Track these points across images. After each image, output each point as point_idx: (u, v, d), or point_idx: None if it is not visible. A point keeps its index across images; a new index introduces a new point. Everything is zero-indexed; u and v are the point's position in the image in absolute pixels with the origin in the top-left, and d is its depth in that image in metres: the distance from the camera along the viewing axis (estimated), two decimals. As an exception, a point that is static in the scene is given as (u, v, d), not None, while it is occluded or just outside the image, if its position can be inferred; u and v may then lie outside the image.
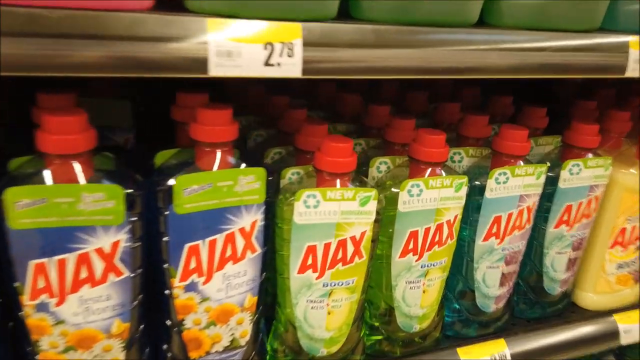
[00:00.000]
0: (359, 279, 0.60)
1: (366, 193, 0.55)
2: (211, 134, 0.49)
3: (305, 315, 0.60)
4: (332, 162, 0.55)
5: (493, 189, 0.65)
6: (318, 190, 0.54)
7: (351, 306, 0.61)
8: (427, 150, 0.60)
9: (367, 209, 0.56)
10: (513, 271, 0.73)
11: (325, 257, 0.57)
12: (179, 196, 0.48)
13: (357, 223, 0.56)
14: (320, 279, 0.58)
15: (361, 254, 0.58)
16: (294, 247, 0.56)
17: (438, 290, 0.68)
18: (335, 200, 0.54)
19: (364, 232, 0.57)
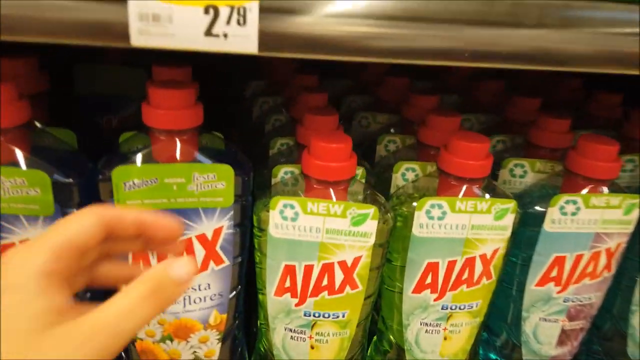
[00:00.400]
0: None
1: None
2: (160, 118, 0.40)
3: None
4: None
5: (556, 221, 0.48)
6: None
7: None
8: (458, 162, 0.45)
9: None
10: (580, 328, 0.55)
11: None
12: (120, 190, 0.40)
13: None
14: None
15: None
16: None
17: (466, 339, 0.53)
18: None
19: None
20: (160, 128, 0.40)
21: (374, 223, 0.43)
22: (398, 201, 0.50)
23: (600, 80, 0.69)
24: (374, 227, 0.43)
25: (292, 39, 0.34)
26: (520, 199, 0.52)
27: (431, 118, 0.52)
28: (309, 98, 0.56)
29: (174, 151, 0.41)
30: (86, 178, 0.42)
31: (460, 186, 0.46)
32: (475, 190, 0.46)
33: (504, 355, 0.58)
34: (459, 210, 0.45)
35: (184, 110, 0.40)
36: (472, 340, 0.53)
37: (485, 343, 0.60)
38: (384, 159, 0.58)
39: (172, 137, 0.41)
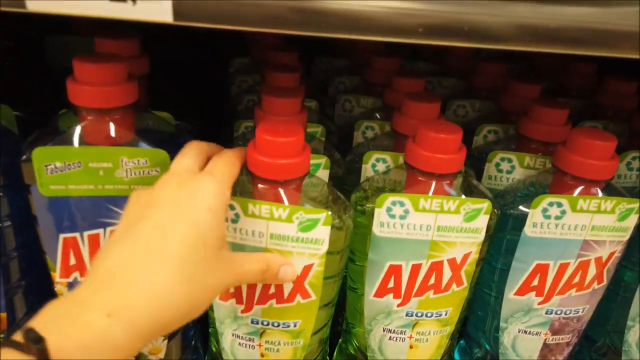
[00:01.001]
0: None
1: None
2: (84, 95, 0.36)
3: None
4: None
5: (538, 225, 0.42)
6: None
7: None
8: (425, 155, 0.39)
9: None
10: (566, 343, 0.49)
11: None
12: (42, 174, 0.37)
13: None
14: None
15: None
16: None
17: (435, 349, 0.48)
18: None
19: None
20: (85, 106, 0.36)
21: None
22: (364, 194, 0.45)
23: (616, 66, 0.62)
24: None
25: (211, 7, 0.29)
26: (502, 198, 0.46)
27: (407, 103, 0.47)
28: (280, 77, 0.52)
29: (103, 132, 0.37)
30: (14, 158, 0.38)
31: (428, 182, 0.41)
32: (446, 187, 0.41)
33: (482, 366, 0.53)
34: (422, 209, 0.40)
35: (112, 87, 0.36)
36: (442, 350, 0.48)
37: (462, 351, 0.55)
38: (360, 146, 0.53)
39: (101, 117, 0.37)
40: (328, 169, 0.46)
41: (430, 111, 0.46)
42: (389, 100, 0.55)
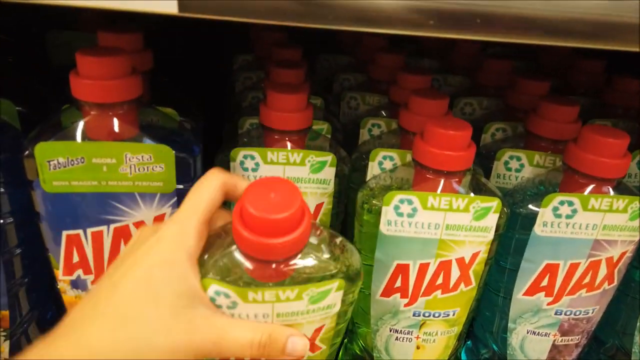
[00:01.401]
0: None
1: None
2: (86, 90, 0.35)
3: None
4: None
5: (548, 224, 0.42)
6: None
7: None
8: (433, 152, 0.39)
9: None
10: (575, 344, 0.49)
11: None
12: (44, 170, 0.36)
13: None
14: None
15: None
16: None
17: (442, 349, 0.47)
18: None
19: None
20: (88, 101, 0.36)
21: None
22: (370, 193, 0.44)
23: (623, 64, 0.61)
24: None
25: None
26: (512, 197, 0.46)
27: (413, 100, 0.46)
28: (285, 73, 0.51)
29: (106, 128, 0.37)
30: (15, 154, 0.38)
31: (437, 180, 0.40)
32: (455, 185, 0.41)
33: (489, 367, 0.52)
34: (431, 207, 0.39)
35: (115, 81, 0.35)
36: (450, 351, 0.48)
37: (470, 352, 0.54)
38: (366, 144, 0.53)
39: (104, 112, 0.37)
40: (334, 166, 0.45)
41: (438, 108, 0.45)
42: (394, 97, 0.54)
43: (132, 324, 0.26)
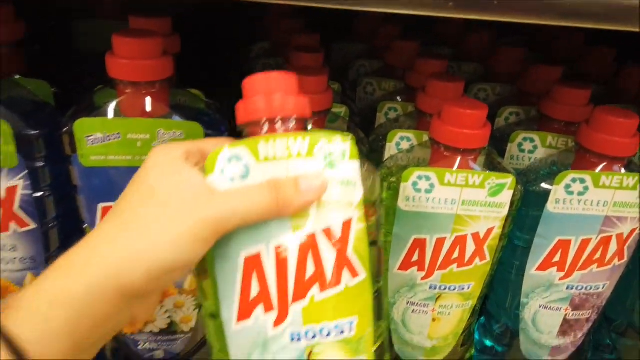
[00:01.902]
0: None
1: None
2: (122, 69, 0.37)
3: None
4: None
5: (560, 201, 0.43)
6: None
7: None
8: (450, 130, 0.41)
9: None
10: (586, 319, 0.50)
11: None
12: (82, 144, 0.38)
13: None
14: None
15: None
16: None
17: (457, 322, 0.49)
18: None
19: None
20: (123, 80, 0.38)
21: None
22: (388, 171, 0.46)
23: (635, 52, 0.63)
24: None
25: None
26: (525, 176, 0.47)
27: (431, 83, 0.48)
28: (305, 57, 0.53)
29: (140, 105, 0.39)
30: (53, 130, 0.40)
31: (453, 158, 0.42)
32: (470, 163, 0.42)
33: (502, 343, 0.54)
34: (448, 183, 0.41)
35: (149, 61, 0.37)
36: (464, 324, 0.50)
37: (482, 328, 0.56)
38: (382, 127, 0.54)
39: (138, 90, 0.39)
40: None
41: (454, 90, 0.47)
42: (411, 82, 0.56)
43: (127, 216, 0.27)
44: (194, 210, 0.26)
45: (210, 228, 0.26)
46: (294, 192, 0.28)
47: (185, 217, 0.26)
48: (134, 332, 0.49)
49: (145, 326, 0.48)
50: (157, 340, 0.49)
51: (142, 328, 0.48)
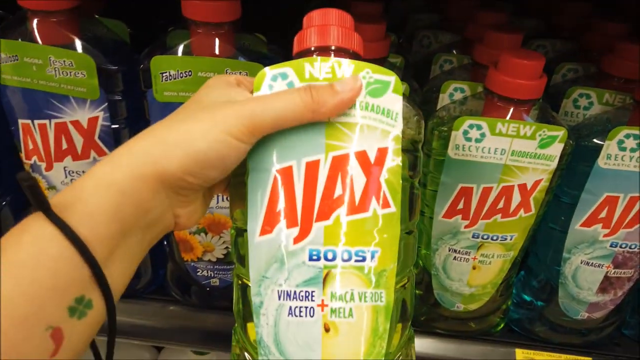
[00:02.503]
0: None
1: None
2: (195, 9, 0.40)
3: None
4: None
5: (612, 157, 0.44)
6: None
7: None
8: (505, 80, 0.41)
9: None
10: (627, 278, 0.51)
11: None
12: (157, 81, 0.42)
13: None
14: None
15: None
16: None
17: (497, 272, 0.51)
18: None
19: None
20: (195, 20, 0.40)
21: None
22: (439, 121, 0.48)
23: None
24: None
25: None
26: (577, 131, 0.47)
27: (489, 35, 0.48)
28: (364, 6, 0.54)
29: (210, 45, 0.42)
30: (130, 67, 0.44)
31: (506, 108, 0.43)
32: (523, 115, 0.43)
33: (540, 297, 0.56)
34: (499, 132, 0.42)
35: (219, 2, 0.40)
36: (504, 274, 0.51)
37: (521, 283, 0.58)
38: (437, 79, 0.55)
39: (208, 31, 0.41)
40: (407, 95, 0.48)
41: (512, 42, 0.47)
42: (469, 34, 0.56)
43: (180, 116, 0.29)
44: (230, 108, 0.28)
45: (243, 122, 0.27)
46: (329, 92, 0.28)
47: (221, 113, 0.28)
48: (194, 260, 0.53)
49: (204, 254, 0.53)
50: (214, 268, 0.54)
51: (201, 256, 0.53)
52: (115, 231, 0.26)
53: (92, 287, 0.25)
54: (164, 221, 0.29)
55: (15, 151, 0.49)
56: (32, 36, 0.41)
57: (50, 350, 0.23)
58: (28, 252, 0.23)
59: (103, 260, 0.25)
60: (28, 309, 0.22)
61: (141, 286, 0.57)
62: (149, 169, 0.26)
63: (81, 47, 0.42)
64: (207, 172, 0.28)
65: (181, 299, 0.57)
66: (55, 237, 0.23)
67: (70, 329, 0.24)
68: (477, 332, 0.56)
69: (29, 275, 0.23)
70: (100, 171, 0.26)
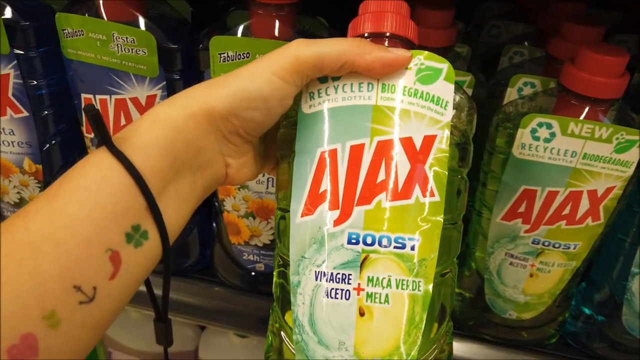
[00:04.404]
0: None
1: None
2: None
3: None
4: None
5: (700, 167, 0.39)
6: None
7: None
8: (583, 77, 0.38)
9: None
10: None
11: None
12: (215, 61, 0.41)
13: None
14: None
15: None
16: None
17: (556, 282, 0.48)
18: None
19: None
20: (256, 0, 0.40)
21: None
22: (505, 116, 0.45)
23: None
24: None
25: None
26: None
27: (567, 26, 0.44)
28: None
29: (269, 27, 0.41)
30: (189, 47, 0.44)
31: (581, 107, 0.39)
32: (600, 115, 0.39)
33: (601, 312, 0.52)
34: (571, 133, 0.39)
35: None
36: (563, 285, 0.48)
37: (581, 295, 0.54)
38: (505, 71, 0.52)
39: (268, 13, 0.40)
40: (472, 87, 0.46)
41: (593, 35, 0.43)
42: (543, 25, 0.52)
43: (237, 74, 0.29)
44: (276, 50, 0.29)
45: (288, 61, 0.28)
46: (377, 46, 0.29)
47: (268, 55, 0.29)
48: (241, 243, 0.53)
49: (251, 239, 0.52)
50: (260, 253, 0.53)
51: (248, 240, 0.53)
52: (168, 165, 0.27)
53: (148, 219, 0.26)
54: (214, 167, 0.30)
55: (76, 125, 0.50)
56: (98, 12, 0.42)
57: (109, 273, 0.25)
58: (92, 178, 0.25)
59: (157, 193, 0.26)
60: (91, 230, 0.24)
61: (188, 265, 0.58)
62: (198, 108, 0.28)
63: (144, 24, 0.42)
64: (251, 113, 0.29)
65: (226, 281, 0.57)
66: (115, 167, 0.25)
67: (128, 256, 0.25)
68: (528, 342, 0.53)
69: (92, 199, 0.24)
70: (157, 110, 0.28)
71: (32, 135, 0.49)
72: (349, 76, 0.30)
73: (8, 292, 0.22)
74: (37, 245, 0.23)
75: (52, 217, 0.23)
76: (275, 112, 0.29)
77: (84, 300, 0.24)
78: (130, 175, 0.25)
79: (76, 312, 0.23)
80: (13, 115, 0.47)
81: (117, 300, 0.26)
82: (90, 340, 0.25)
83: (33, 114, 0.48)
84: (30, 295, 0.22)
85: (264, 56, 0.29)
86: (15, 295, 0.22)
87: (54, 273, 0.23)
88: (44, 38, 0.45)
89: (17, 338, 0.22)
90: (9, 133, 0.49)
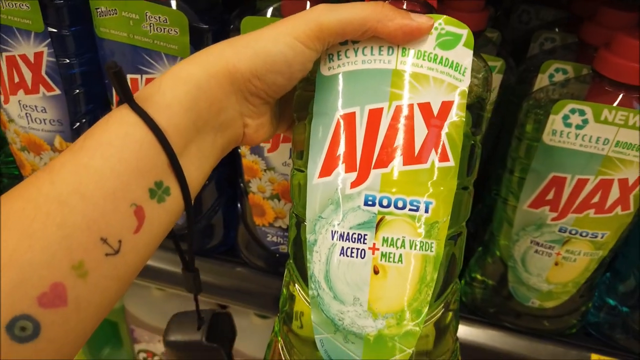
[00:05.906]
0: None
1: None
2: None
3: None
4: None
5: None
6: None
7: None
8: (618, 62, 0.37)
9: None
10: None
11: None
12: (245, 42, 0.41)
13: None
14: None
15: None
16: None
17: (581, 271, 0.47)
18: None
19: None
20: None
21: None
22: (535, 103, 0.44)
23: None
24: None
25: None
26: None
27: (602, 11, 0.43)
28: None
29: (299, 8, 0.40)
30: (220, 27, 0.44)
31: (616, 94, 0.39)
32: (634, 102, 0.39)
33: (626, 303, 0.51)
34: (604, 120, 0.38)
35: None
36: (589, 274, 0.48)
37: (605, 285, 0.54)
38: (535, 57, 0.51)
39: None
40: (502, 73, 0.45)
41: (629, 20, 0.43)
42: (575, 10, 0.51)
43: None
44: (299, 14, 0.29)
45: (310, 26, 0.28)
46: (400, 12, 0.29)
47: (291, 19, 0.29)
48: (265, 225, 0.54)
49: (275, 220, 0.53)
50: (284, 235, 0.54)
51: (272, 221, 0.53)
52: (189, 123, 0.27)
53: (170, 176, 0.27)
54: (234, 127, 0.30)
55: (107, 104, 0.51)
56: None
57: (134, 227, 0.25)
58: (116, 134, 0.25)
59: (179, 150, 0.26)
60: (116, 183, 0.24)
61: (212, 245, 0.58)
62: (221, 67, 0.28)
63: (176, 4, 0.42)
64: (273, 76, 0.29)
65: (249, 262, 0.58)
66: (137, 123, 0.25)
67: (151, 211, 0.26)
68: (549, 331, 0.53)
69: (116, 154, 0.24)
70: (179, 68, 0.28)
71: (64, 113, 0.50)
72: (370, 39, 0.30)
73: (37, 242, 0.22)
74: (64, 198, 0.23)
75: (78, 171, 0.24)
76: (296, 76, 0.30)
77: (110, 252, 0.24)
78: (153, 132, 0.25)
79: (103, 263, 0.24)
80: (46, 93, 0.48)
81: (141, 254, 0.26)
82: (115, 291, 0.25)
83: (65, 92, 0.49)
84: (59, 246, 0.23)
85: (285, 20, 0.29)
86: (45, 245, 0.22)
87: (81, 225, 0.23)
88: (77, 16, 0.45)
89: (47, 286, 0.22)
90: (41, 111, 0.50)
